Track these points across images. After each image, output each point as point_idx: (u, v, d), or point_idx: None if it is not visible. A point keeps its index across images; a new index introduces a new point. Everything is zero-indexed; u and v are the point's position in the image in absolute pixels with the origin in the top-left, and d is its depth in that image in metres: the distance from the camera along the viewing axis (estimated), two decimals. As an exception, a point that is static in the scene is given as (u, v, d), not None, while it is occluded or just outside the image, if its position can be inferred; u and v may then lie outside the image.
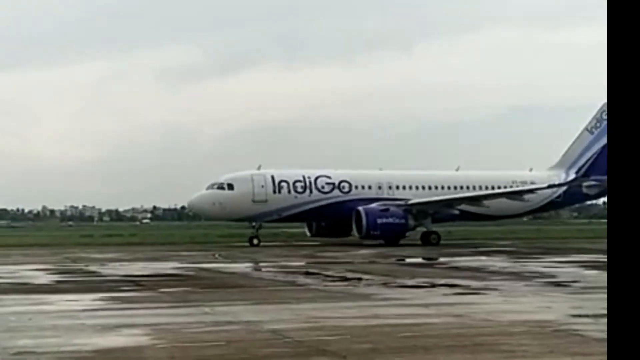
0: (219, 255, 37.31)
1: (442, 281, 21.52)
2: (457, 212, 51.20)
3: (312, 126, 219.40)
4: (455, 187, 52.79)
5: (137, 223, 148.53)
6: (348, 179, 50.80)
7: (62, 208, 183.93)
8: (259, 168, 50.05)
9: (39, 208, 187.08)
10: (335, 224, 50.51)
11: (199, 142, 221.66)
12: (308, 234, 53.03)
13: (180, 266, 29.66)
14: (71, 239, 49.53)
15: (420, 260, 34.04)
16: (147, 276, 24.86)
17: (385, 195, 50.71)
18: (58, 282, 23.07)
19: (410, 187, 52.18)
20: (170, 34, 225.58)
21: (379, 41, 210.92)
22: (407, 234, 49.24)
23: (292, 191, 49.17)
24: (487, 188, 52.98)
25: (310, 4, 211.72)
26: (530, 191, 51.74)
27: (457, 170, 55.82)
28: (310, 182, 49.77)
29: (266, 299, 17.71)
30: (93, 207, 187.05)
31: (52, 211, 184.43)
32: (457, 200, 50.71)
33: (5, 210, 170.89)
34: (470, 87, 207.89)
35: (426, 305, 16.05)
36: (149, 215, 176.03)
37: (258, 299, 17.56)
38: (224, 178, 48.55)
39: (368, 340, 11.49)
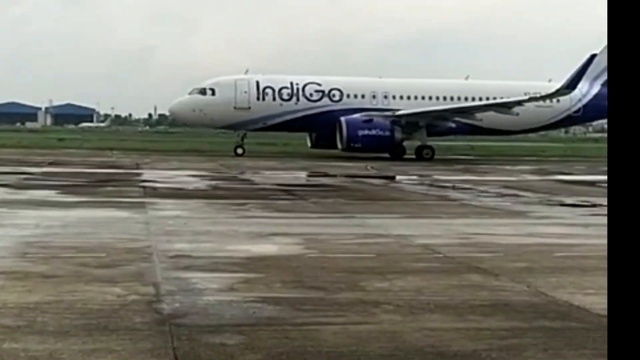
0: (371, 167, 37.21)
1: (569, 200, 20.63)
2: (453, 125, 46.57)
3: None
4: (459, 98, 47.61)
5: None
6: (339, 87, 47.10)
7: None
8: (246, 72, 47.45)
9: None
10: (328, 134, 45.95)
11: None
12: (309, 144, 49.39)
13: (332, 176, 29.75)
14: (225, 146, 50.56)
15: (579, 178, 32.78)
16: (299, 186, 25.07)
17: (380, 106, 46.56)
18: (213, 188, 23.60)
19: (409, 97, 47.64)
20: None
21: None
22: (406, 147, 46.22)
23: (277, 98, 46.08)
24: (495, 99, 47.26)
25: None
26: (518, 103, 45.38)
27: (466, 79, 51.21)
28: (297, 89, 46.42)
29: (418, 213, 17.47)
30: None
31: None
32: (447, 112, 45.97)
33: (164, 115, 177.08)
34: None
35: (585, 226, 15.40)
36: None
37: (410, 213, 17.34)
38: (206, 82, 45.98)
39: (522, 259, 11.09)
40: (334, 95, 46.81)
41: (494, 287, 9.11)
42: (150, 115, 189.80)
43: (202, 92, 45.38)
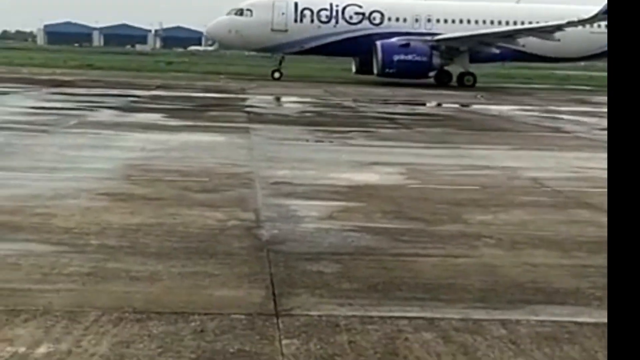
0: (481, 96, 36.43)
1: None
2: (497, 50, 43.81)
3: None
4: (508, 22, 44.56)
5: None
6: (380, 9, 44.39)
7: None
8: None
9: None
10: (371, 60, 43.52)
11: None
12: (353, 69, 47.21)
13: (439, 105, 29.28)
14: (333, 72, 50.33)
15: None
16: (404, 114, 24.76)
17: (423, 30, 43.84)
18: (318, 114, 23.54)
19: (454, 21, 44.58)
20: None
21: None
22: (431, 73, 43.52)
23: (316, 20, 44.02)
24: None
25: None
26: (557, 28, 41.87)
27: (517, 2, 47.79)
28: (337, 11, 44.15)
29: (528, 144, 17.01)
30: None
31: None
32: (488, 37, 43.07)
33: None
34: None
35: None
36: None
37: (519, 144, 16.91)
38: (244, 3, 44.27)
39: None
40: (374, 18, 44.39)
41: (602, 223, 8.76)
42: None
43: (239, 12, 44.00)
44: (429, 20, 44.56)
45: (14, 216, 8.01)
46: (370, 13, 44.40)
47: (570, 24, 41.81)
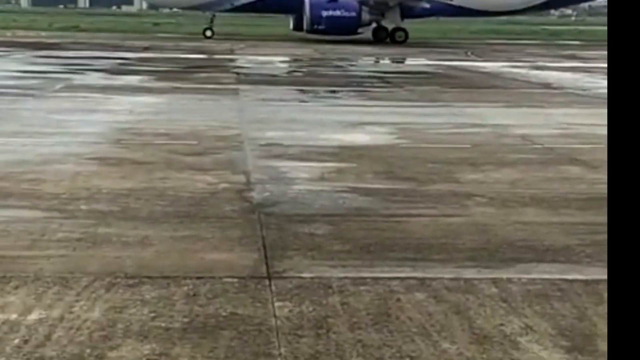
0: (471, 53, 36.27)
1: None
2: (427, 5, 43.29)
3: None
4: None
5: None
6: None
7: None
8: None
9: None
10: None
11: None
12: (291, 27, 46.35)
13: (429, 63, 29.15)
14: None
15: None
16: (394, 73, 24.66)
17: None
18: (306, 74, 23.42)
19: None
20: None
21: None
22: (361, 30, 42.89)
23: None
24: None
25: None
26: None
27: None
28: None
29: (518, 102, 16.97)
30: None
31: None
32: None
33: None
34: None
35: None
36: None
37: (509, 102, 16.87)
38: None
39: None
40: None
41: (592, 180, 8.79)
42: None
43: None
44: None
45: (3, 182, 7.97)
46: None
47: None
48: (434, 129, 12.54)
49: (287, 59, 29.95)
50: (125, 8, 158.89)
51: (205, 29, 43.88)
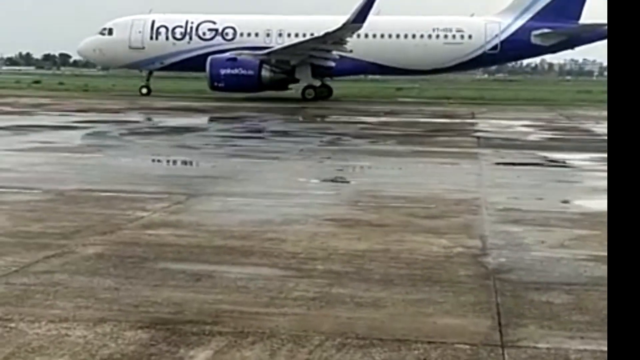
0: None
1: None
2: (332, 63, 43.17)
3: None
4: (359, 36, 42.75)
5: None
6: (233, 25, 45.15)
7: (562, 62, 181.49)
8: (149, 12, 46.65)
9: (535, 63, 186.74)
10: None
11: None
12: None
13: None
14: (567, 95, 48.85)
15: None
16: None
17: (274, 45, 43.51)
18: (549, 139, 22.83)
19: (305, 35, 43.67)
20: None
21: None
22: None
23: (170, 37, 45.19)
24: (405, 37, 44.58)
25: None
26: (323, 37, 41.29)
27: (377, 14, 44.57)
28: (191, 28, 45.25)
29: None
30: (594, 62, 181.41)
31: (550, 65, 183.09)
32: (295, 48, 42.33)
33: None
34: None
35: None
36: None
37: None
38: (108, 23, 45.95)
39: None
40: (227, 34, 45.23)
41: None
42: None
43: (102, 32, 45.88)
44: (280, 35, 44.90)
45: (246, 240, 8.30)
46: (224, 29, 45.32)
47: (326, 35, 41.37)
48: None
49: (530, 122, 29.35)
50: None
51: (142, 87, 46.45)
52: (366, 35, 44.11)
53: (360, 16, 39.96)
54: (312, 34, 43.53)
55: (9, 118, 26.33)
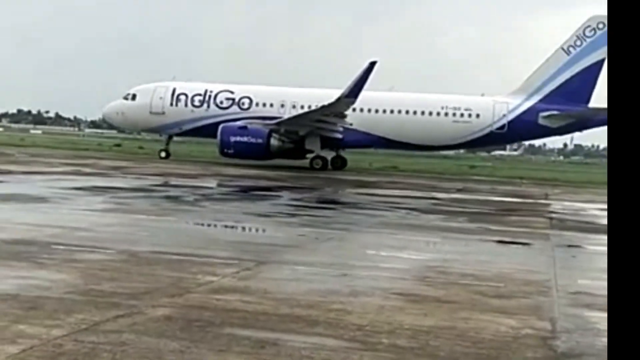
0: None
1: None
2: (340, 135, 44.72)
3: None
4: (370, 110, 45.61)
5: None
6: (250, 95, 47.18)
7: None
8: (173, 78, 49.51)
9: None
10: None
11: None
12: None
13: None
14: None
15: None
16: None
17: (287, 115, 44.96)
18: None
19: (317, 107, 44.13)
20: None
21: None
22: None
23: (189, 104, 47.33)
24: (414, 113, 45.74)
25: None
26: (320, 109, 42.73)
27: (390, 90, 47.81)
28: (210, 97, 47.41)
29: None
30: None
31: None
32: (300, 119, 43.64)
33: (579, 145, 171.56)
34: None
35: None
36: None
37: None
38: (133, 89, 48.35)
39: None
40: (243, 104, 47.18)
41: None
42: (565, 145, 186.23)
43: (126, 97, 48.17)
44: (293, 107, 46.17)
45: (312, 310, 8.31)
46: (240, 99, 47.23)
47: (323, 107, 42.64)
48: None
49: (601, 206, 28.85)
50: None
51: (160, 150, 48.66)
52: (376, 111, 46.26)
53: (354, 91, 41.38)
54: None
55: (88, 179, 27.00)
